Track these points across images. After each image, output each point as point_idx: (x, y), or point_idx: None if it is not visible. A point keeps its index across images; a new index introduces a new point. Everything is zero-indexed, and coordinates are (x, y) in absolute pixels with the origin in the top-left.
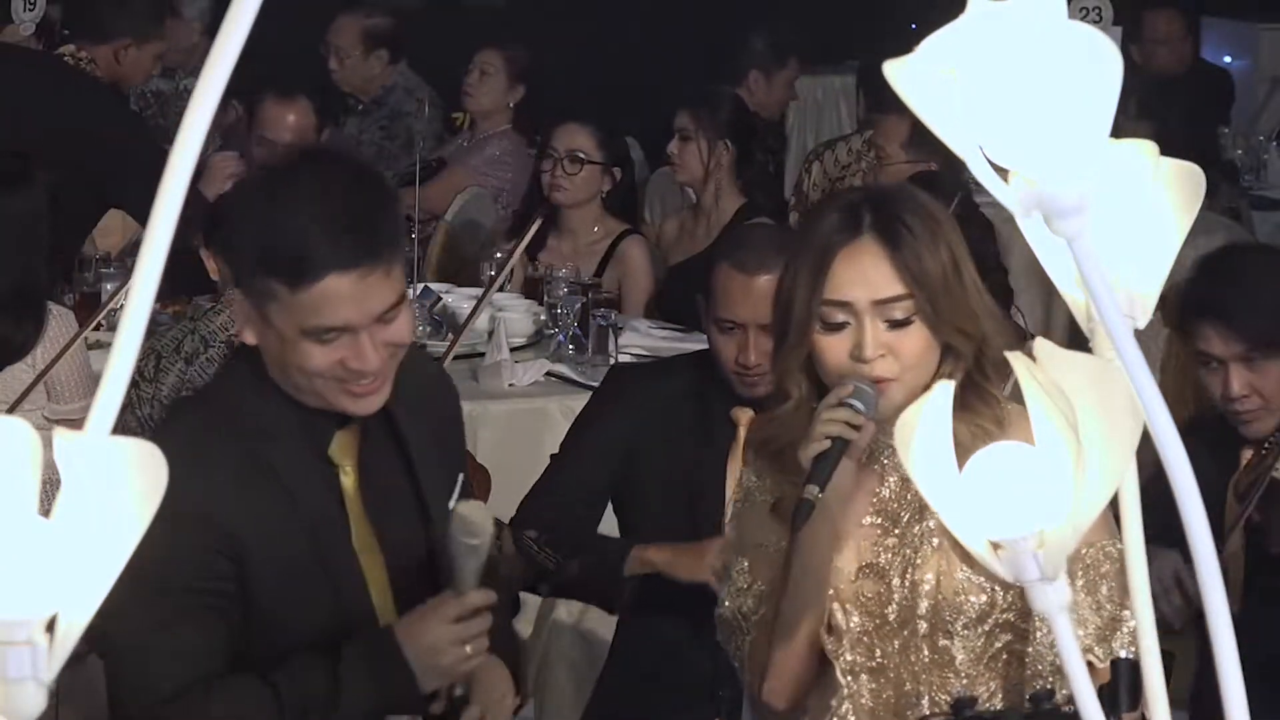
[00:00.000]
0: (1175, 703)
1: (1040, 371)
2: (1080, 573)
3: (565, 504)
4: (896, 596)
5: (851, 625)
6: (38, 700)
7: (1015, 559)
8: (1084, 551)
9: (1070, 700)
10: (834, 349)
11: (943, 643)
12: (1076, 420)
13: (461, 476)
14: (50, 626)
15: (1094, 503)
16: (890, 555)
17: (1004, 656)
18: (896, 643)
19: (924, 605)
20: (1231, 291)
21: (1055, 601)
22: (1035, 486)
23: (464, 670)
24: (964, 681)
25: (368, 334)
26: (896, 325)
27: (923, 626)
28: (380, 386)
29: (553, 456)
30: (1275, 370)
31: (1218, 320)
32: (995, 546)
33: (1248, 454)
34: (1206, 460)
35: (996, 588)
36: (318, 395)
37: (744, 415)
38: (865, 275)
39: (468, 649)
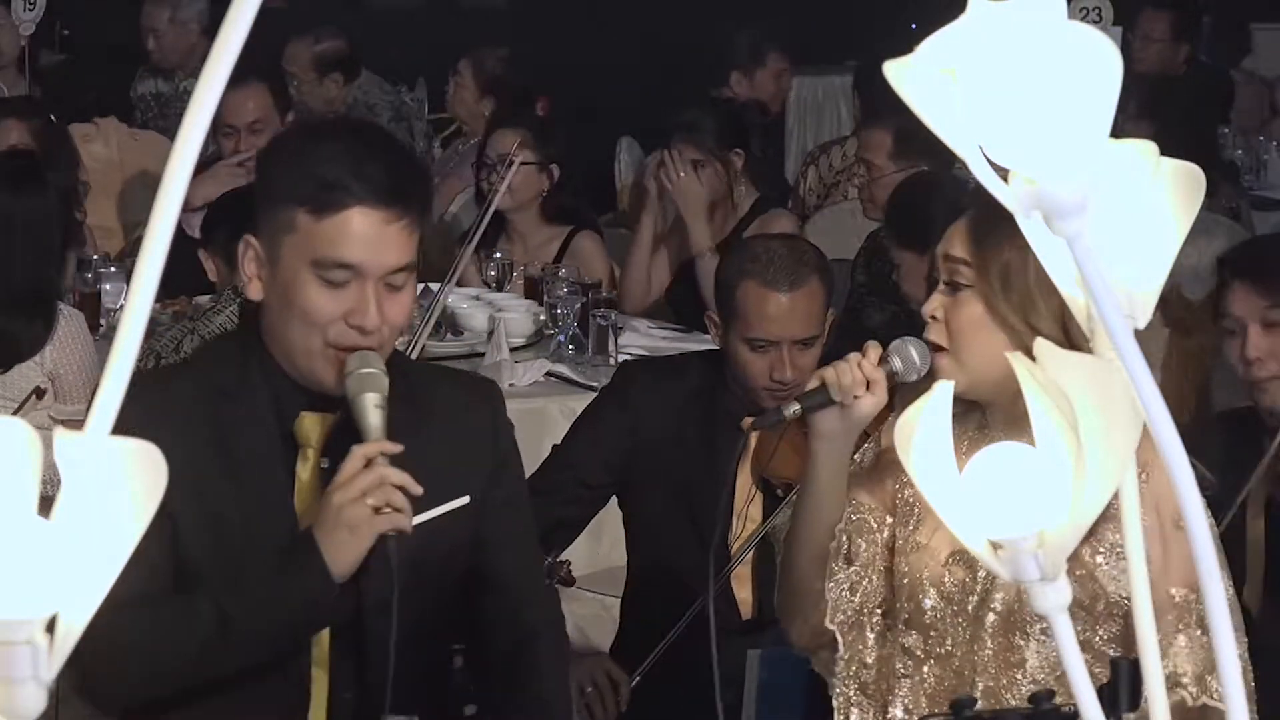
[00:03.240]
0: None
1: (1040, 371)
2: (1195, 614)
3: (560, 499)
4: (979, 587)
5: (926, 607)
6: (38, 700)
7: (1015, 559)
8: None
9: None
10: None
11: (1018, 642)
12: (1076, 420)
13: (467, 499)
14: (50, 626)
15: (1094, 503)
16: None
17: None
18: (968, 633)
19: (998, 598)
20: (1259, 253)
21: (1055, 602)
22: (1035, 486)
23: (375, 528)
24: (1032, 687)
25: (374, 288)
26: (954, 288)
27: (990, 619)
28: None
29: (555, 448)
30: None
31: (1244, 278)
32: (995, 546)
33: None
34: (1234, 450)
35: (1082, 610)
36: (308, 359)
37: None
38: (958, 233)
39: (369, 501)
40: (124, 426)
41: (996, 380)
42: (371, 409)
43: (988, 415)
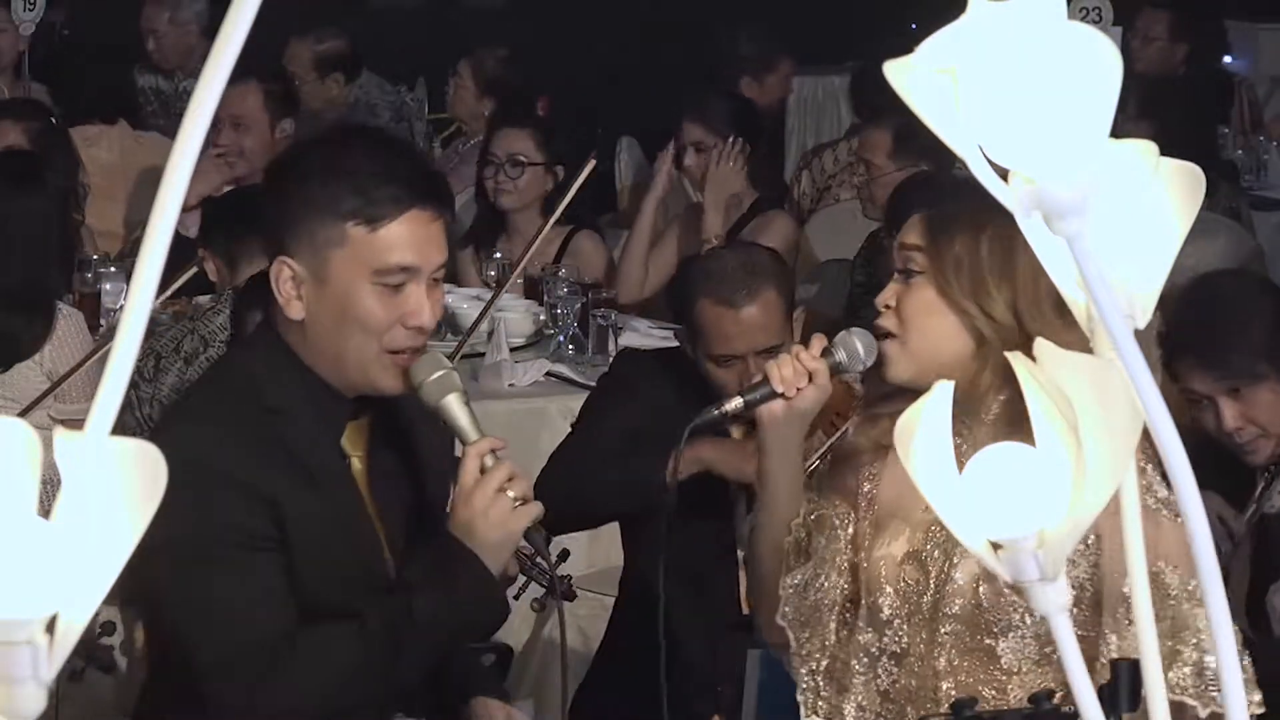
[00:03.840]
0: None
1: (1040, 371)
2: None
3: (581, 481)
4: (933, 586)
5: (884, 605)
6: (38, 700)
7: (1015, 559)
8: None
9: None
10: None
11: (987, 642)
12: (1076, 420)
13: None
14: (50, 626)
15: (1094, 503)
16: (933, 547)
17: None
18: (925, 633)
19: (956, 604)
20: (1202, 327)
21: (1055, 602)
22: (1035, 486)
23: (520, 522)
24: (1016, 678)
25: (425, 288)
26: (907, 275)
27: (949, 624)
28: (418, 359)
29: (569, 437)
30: (1264, 397)
31: (1194, 358)
32: (995, 546)
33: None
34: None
35: None
36: (363, 368)
37: (737, 430)
38: (913, 224)
39: (510, 494)
40: (211, 449)
41: (943, 365)
42: (459, 409)
43: None
